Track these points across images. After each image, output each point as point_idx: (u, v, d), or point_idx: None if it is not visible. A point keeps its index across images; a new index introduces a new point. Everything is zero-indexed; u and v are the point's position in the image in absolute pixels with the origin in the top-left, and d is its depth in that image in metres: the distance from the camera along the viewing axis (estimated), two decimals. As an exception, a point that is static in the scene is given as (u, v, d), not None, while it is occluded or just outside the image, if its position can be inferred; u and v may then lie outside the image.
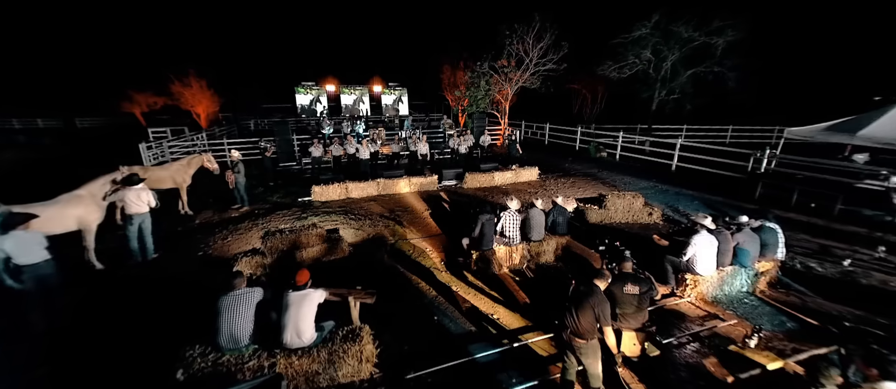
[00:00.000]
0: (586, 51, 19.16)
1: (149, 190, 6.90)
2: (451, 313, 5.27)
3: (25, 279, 4.94)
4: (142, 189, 6.80)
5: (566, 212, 6.85)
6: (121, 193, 6.71)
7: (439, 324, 5.03)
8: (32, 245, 4.96)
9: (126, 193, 6.70)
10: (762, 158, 10.90)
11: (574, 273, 4.62)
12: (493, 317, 5.12)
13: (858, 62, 22.95)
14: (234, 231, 8.55)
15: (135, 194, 6.73)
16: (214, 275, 6.36)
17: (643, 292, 4.08)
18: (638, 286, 4.10)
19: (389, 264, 6.85)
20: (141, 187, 6.80)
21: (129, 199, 6.70)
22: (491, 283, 6.01)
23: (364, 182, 11.24)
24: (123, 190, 6.72)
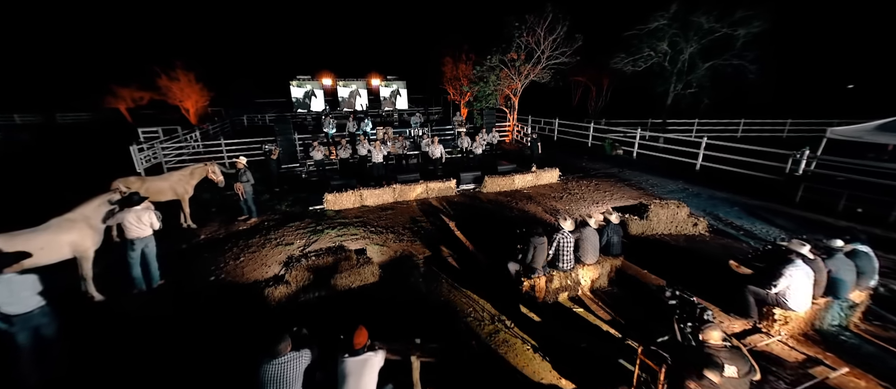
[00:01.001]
0: (594, 42, 18.46)
1: (151, 210, 6.09)
2: (513, 357, 4.63)
3: (15, 331, 4.17)
4: (143, 210, 5.99)
5: (620, 230, 6.23)
6: (119, 215, 5.90)
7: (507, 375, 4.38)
8: (24, 291, 4.18)
9: (125, 215, 5.89)
10: (801, 158, 10.37)
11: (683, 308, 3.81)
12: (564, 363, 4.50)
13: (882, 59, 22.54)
14: (245, 249, 7.79)
15: (135, 216, 5.92)
16: (232, 309, 5.65)
17: (745, 374, 3.07)
18: (736, 366, 3.04)
19: (425, 291, 6.16)
20: (142, 208, 5.99)
21: (129, 222, 5.90)
22: (545, 313, 5.37)
23: (379, 189, 10.50)
24: (122, 212, 5.91)
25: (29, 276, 4.24)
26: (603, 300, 5.63)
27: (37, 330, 4.30)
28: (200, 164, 9.17)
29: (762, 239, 7.69)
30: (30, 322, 4.22)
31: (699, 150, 13.26)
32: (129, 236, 5.97)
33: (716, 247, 7.43)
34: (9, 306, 4.09)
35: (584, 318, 5.27)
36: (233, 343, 4.92)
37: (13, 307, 4.11)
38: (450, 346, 4.70)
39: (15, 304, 4.11)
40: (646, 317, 5.13)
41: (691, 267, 6.54)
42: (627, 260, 6.60)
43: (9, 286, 4.09)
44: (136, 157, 14.32)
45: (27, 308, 4.19)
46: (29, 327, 4.22)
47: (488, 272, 6.54)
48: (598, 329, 4.99)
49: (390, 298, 5.93)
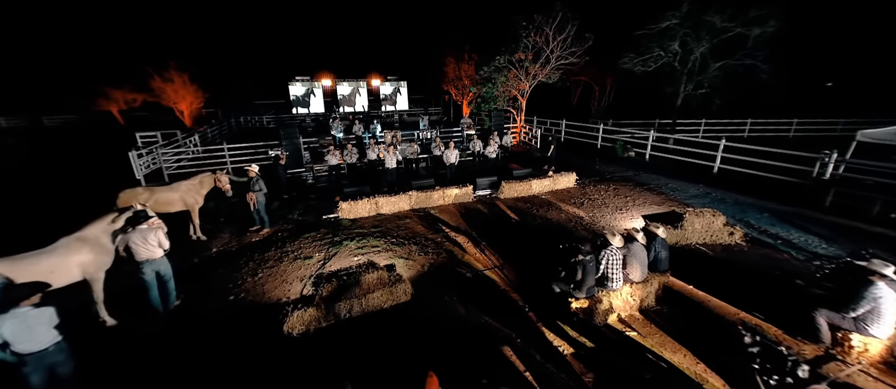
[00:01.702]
0: (598, 41, 18.14)
1: (159, 229, 5.60)
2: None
3: (29, 371, 3.74)
4: (148, 230, 5.46)
5: (667, 244, 5.89)
6: (125, 236, 5.42)
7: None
8: (40, 326, 3.75)
9: (131, 236, 5.40)
10: (829, 162, 10.14)
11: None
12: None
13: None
14: (262, 264, 7.37)
15: (140, 237, 5.40)
16: (257, 334, 5.23)
17: None
18: None
19: (463, 311, 5.78)
20: (146, 228, 5.47)
21: (135, 243, 5.38)
22: (596, 337, 5.01)
23: (395, 196, 10.10)
24: (128, 233, 5.43)
25: (46, 309, 3.80)
26: (655, 322, 5.28)
27: (52, 369, 3.87)
28: (208, 172, 8.71)
29: (801, 249, 7.42)
30: (44, 361, 3.79)
31: (716, 152, 13.01)
32: (137, 259, 5.49)
33: (756, 258, 7.14)
34: (23, 343, 3.65)
35: (638, 343, 4.92)
36: (265, 380, 4.53)
37: (27, 344, 3.67)
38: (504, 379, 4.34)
39: (29, 341, 3.68)
40: (710, 345, 4.75)
41: (736, 281, 6.23)
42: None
43: (24, 321, 3.65)
44: (135, 163, 13.77)
45: (42, 345, 3.76)
46: (43, 366, 3.80)
47: (529, 291, 6.17)
48: (659, 358, 4.64)
49: (426, 318, 5.55)
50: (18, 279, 4.59)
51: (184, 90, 29.97)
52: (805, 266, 6.73)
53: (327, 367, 4.67)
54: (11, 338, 3.59)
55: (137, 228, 5.38)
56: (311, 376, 4.55)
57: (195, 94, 30.39)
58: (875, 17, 21.20)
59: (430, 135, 15.63)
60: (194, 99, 30.62)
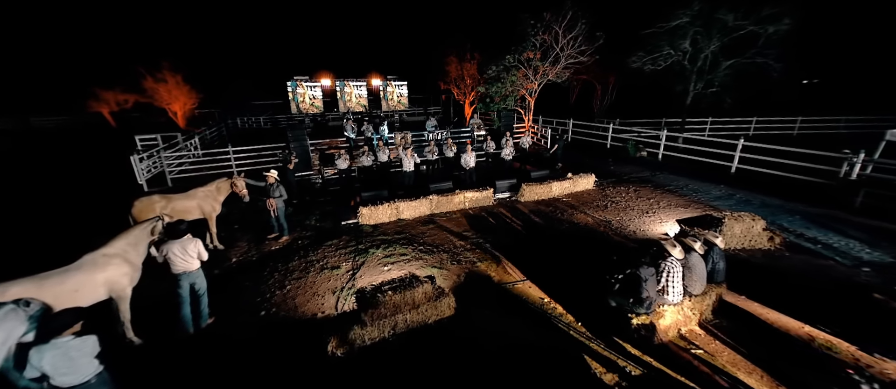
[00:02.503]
0: (604, 40, 17.93)
1: (197, 240, 5.28)
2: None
3: None
4: (187, 240, 5.19)
5: (724, 254, 5.65)
6: (163, 247, 5.09)
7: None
8: (82, 358, 3.38)
9: (170, 247, 5.08)
10: (856, 161, 10.05)
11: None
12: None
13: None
14: (288, 275, 7.02)
15: (180, 248, 5.11)
16: (297, 354, 4.90)
17: None
18: None
19: (511, 327, 5.49)
20: (187, 239, 5.18)
21: (174, 254, 5.09)
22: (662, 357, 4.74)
23: (416, 200, 9.78)
24: (166, 244, 5.10)
25: (89, 338, 3.44)
26: (719, 338, 5.03)
27: None
28: (224, 178, 8.31)
29: (845, 254, 7.26)
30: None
31: (733, 152, 12.89)
32: (174, 271, 5.17)
33: (799, 264, 6.95)
34: (64, 376, 3.29)
35: (708, 361, 4.65)
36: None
37: (69, 377, 3.31)
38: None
39: (71, 374, 3.32)
40: (785, 364, 4.50)
41: (787, 290, 6.00)
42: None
43: (66, 352, 3.29)
44: (137, 167, 13.26)
45: (84, 378, 3.40)
46: None
47: (575, 304, 5.90)
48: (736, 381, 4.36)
49: (471, 335, 5.24)
50: (44, 300, 4.23)
51: (177, 91, 29.29)
52: (853, 273, 6.57)
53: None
54: (52, 371, 3.23)
55: (178, 239, 5.07)
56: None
57: (189, 94, 29.71)
58: (882, 14, 21.33)
59: (440, 136, 15.30)
60: (188, 100, 29.93)
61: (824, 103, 22.08)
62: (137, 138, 17.58)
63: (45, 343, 3.23)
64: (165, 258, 5.11)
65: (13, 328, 3.47)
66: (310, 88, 27.06)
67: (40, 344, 3.23)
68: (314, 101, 27.38)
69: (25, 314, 3.60)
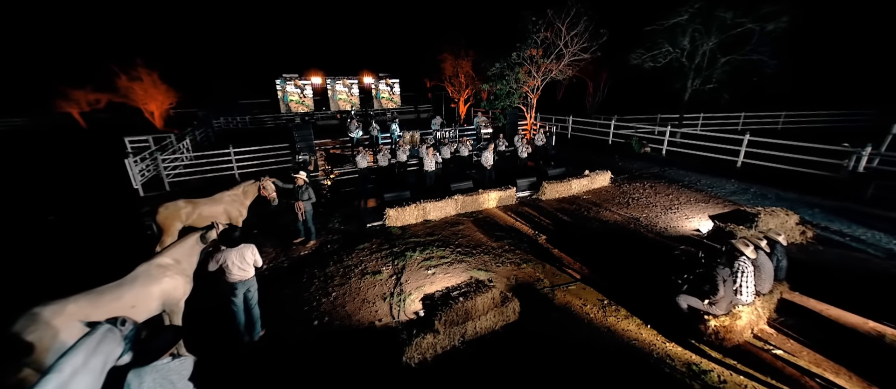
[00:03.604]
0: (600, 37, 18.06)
1: (252, 246, 4.98)
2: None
3: None
4: (245, 247, 4.90)
5: (786, 251, 5.69)
6: (220, 256, 4.76)
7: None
8: (180, 381, 3.08)
9: (228, 255, 4.76)
10: (863, 154, 10.43)
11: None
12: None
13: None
14: (328, 282, 6.73)
15: (238, 256, 4.84)
16: (374, 369, 4.65)
17: None
18: None
19: (575, 332, 5.37)
20: (244, 246, 4.88)
21: (232, 263, 4.78)
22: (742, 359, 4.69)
23: (441, 201, 9.57)
24: (224, 252, 4.77)
25: (186, 359, 3.15)
26: (792, 337, 5.01)
27: None
28: (252, 180, 7.89)
29: (875, 246, 7.49)
30: None
31: (739, 146, 13.21)
32: (230, 280, 4.87)
33: (836, 257, 7.11)
34: None
35: (790, 362, 4.63)
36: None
37: None
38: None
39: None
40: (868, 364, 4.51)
41: (836, 284, 6.08)
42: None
43: (166, 376, 2.98)
44: (131, 171, 12.52)
45: None
46: None
47: (638, 304, 5.83)
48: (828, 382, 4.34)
49: (544, 342, 5.11)
50: (98, 317, 3.88)
51: (154, 90, 27.99)
52: (890, 265, 6.77)
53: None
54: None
55: (236, 247, 4.78)
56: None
57: (167, 94, 28.43)
58: (866, 10, 22.34)
59: (447, 134, 15.09)
60: (165, 99, 28.64)
61: (808, 98, 23.01)
62: (127, 140, 16.64)
63: (143, 366, 2.92)
64: (221, 267, 4.78)
65: (111, 350, 3.14)
66: (299, 87, 26.28)
67: (139, 368, 2.92)
68: (304, 99, 26.61)
69: (121, 334, 3.26)
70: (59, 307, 3.72)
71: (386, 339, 5.19)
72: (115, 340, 3.20)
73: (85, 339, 3.05)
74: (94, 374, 2.95)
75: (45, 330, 3.57)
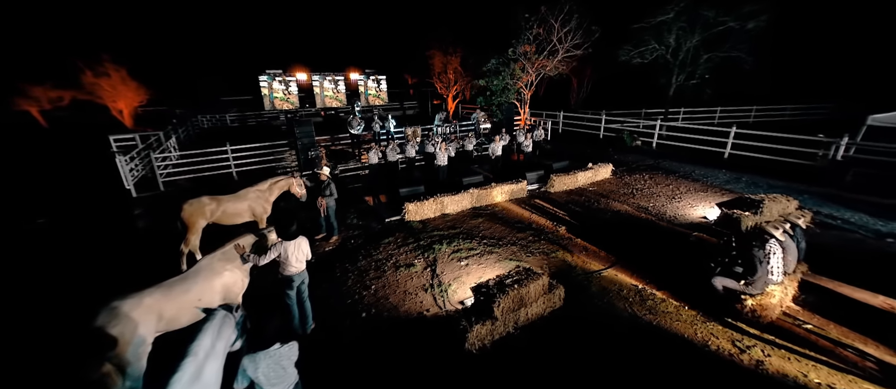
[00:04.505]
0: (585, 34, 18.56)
1: (305, 238, 5.01)
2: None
3: None
4: (302, 240, 4.99)
5: (804, 233, 6.13)
6: (278, 248, 4.77)
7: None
8: (290, 366, 3.15)
9: (286, 247, 4.78)
10: (841, 144, 11.24)
11: None
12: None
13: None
14: (363, 276, 6.79)
15: (295, 248, 4.90)
16: (437, 356, 4.75)
17: None
18: None
19: (618, 315, 5.63)
20: (301, 238, 4.94)
21: (290, 255, 4.82)
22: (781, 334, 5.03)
23: (457, 194, 9.70)
24: (281, 244, 4.78)
25: (293, 345, 3.21)
26: (817, 312, 5.42)
27: None
28: (282, 177, 7.74)
29: (864, 227, 8.13)
30: None
31: (726, 138, 13.95)
32: (287, 274, 4.92)
33: (834, 239, 7.68)
34: (275, 385, 3.03)
35: (823, 335, 5.01)
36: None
37: (280, 386, 3.05)
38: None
39: (280, 383, 3.09)
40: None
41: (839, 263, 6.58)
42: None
43: (278, 361, 3.05)
44: (123, 170, 12.00)
45: (289, 386, 3.15)
46: None
47: (672, 287, 6.14)
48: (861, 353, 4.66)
49: (591, 325, 5.34)
50: (170, 311, 3.88)
51: (123, 87, 26.68)
52: (882, 244, 7.41)
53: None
54: (265, 381, 2.97)
55: (293, 240, 4.83)
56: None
57: (137, 91, 27.15)
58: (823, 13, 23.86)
59: (447, 130, 15.19)
60: (135, 96, 27.34)
61: (775, 94, 24.42)
62: (112, 139, 15.88)
63: (256, 352, 2.97)
64: (277, 260, 4.79)
65: (229, 336, 3.17)
66: (284, 83, 25.63)
67: (253, 354, 2.96)
68: (289, 96, 25.98)
69: (234, 320, 3.27)
70: (136, 301, 3.67)
71: (439, 328, 5.30)
72: (231, 326, 3.22)
73: (207, 324, 3.06)
74: (219, 359, 2.97)
75: (126, 324, 3.52)
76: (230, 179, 13.53)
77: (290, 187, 7.66)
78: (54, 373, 4.51)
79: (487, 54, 18.54)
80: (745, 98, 22.68)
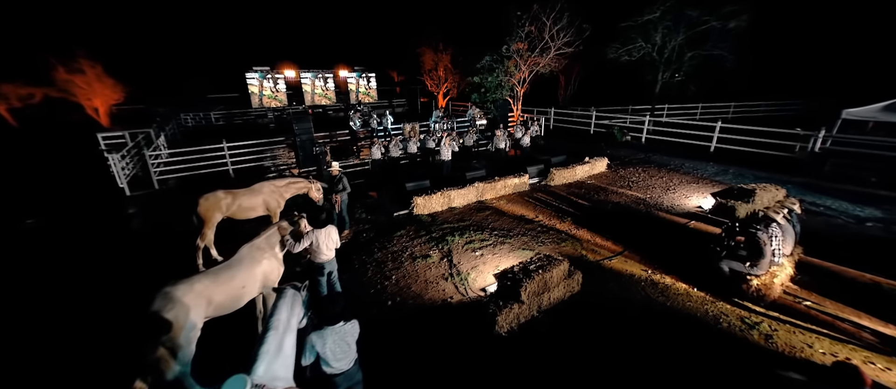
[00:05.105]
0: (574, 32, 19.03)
1: (335, 228, 5.16)
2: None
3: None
4: (331, 228, 5.18)
5: (799, 218, 6.57)
6: (311, 236, 4.91)
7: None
8: (352, 341, 3.31)
9: (316, 236, 4.93)
10: (818, 137, 11.93)
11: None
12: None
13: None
14: (381, 267, 6.97)
15: (325, 235, 5.10)
16: (468, 339, 4.95)
17: None
18: None
19: (631, 299, 5.94)
20: (331, 227, 5.15)
21: (321, 243, 4.99)
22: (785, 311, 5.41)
23: (463, 188, 9.91)
24: (313, 232, 4.92)
25: (355, 322, 3.37)
26: (814, 290, 5.82)
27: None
28: (300, 179, 7.81)
29: (845, 213, 8.71)
30: (353, 378, 3.35)
31: (711, 133, 14.57)
32: (318, 261, 5.09)
33: (820, 224, 8.21)
34: (339, 361, 3.24)
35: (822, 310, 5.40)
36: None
37: (342, 362, 3.26)
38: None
39: (344, 359, 3.28)
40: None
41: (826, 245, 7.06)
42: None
43: (343, 338, 3.22)
44: (116, 167, 11.78)
45: (350, 362, 3.32)
46: (352, 383, 3.35)
47: (679, 271, 6.49)
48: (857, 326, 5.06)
49: (609, 308, 5.63)
50: (219, 297, 4.01)
51: (99, 84, 25.85)
52: (863, 228, 7.97)
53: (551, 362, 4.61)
54: (331, 356, 3.13)
55: (324, 228, 5.00)
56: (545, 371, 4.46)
57: (113, 88, 26.34)
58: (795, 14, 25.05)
59: (446, 126, 15.38)
60: (112, 94, 26.52)
61: (751, 91, 25.56)
62: (100, 137, 15.45)
63: (322, 329, 3.13)
64: (308, 248, 4.93)
65: (298, 312, 3.29)
66: (272, 80, 25.30)
67: (320, 330, 3.13)
68: (277, 94, 25.67)
69: (302, 298, 3.40)
70: (188, 287, 3.77)
71: (466, 313, 5.51)
72: (299, 302, 3.34)
73: (281, 300, 3.18)
74: (294, 333, 3.10)
75: (180, 309, 3.61)
76: (226, 176, 13.39)
77: (309, 191, 7.71)
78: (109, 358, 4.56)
79: (479, 52, 18.81)
80: (725, 94, 23.62)
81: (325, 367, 3.16)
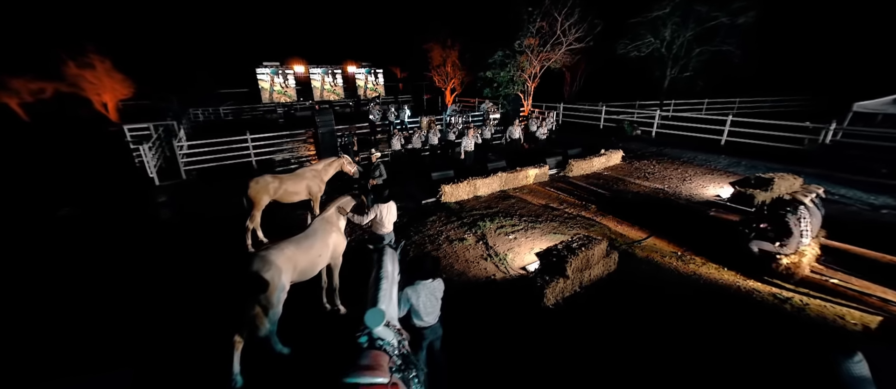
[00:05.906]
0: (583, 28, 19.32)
1: (395, 204, 5.56)
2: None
3: (425, 345, 3.62)
4: (393, 205, 5.56)
5: (822, 202, 6.89)
6: (375, 210, 5.26)
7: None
8: (440, 297, 3.64)
9: (380, 211, 5.30)
10: (829, 130, 12.29)
11: None
12: None
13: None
14: (421, 248, 7.32)
15: (387, 210, 5.46)
16: (520, 311, 5.26)
17: None
18: None
19: (666, 276, 6.26)
20: (392, 202, 5.54)
21: (384, 216, 5.39)
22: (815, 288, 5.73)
23: (488, 178, 10.23)
24: (377, 206, 5.25)
25: (441, 281, 3.64)
26: (839, 269, 6.12)
27: (432, 345, 3.73)
28: (335, 158, 8.12)
29: (860, 201, 9.07)
30: (436, 333, 3.69)
31: (722, 127, 14.91)
32: (380, 233, 5.53)
33: (836, 211, 8.46)
34: (428, 316, 3.56)
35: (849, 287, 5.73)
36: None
37: (431, 317, 3.59)
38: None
39: (433, 314, 3.60)
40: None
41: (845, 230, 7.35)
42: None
43: (433, 293, 3.53)
44: (146, 156, 12.04)
45: (437, 317, 3.63)
46: (435, 338, 3.70)
47: (708, 252, 6.81)
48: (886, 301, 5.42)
49: (646, 284, 5.95)
50: (302, 263, 4.41)
51: (108, 79, 26.01)
52: (877, 215, 8.32)
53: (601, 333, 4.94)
54: (423, 310, 3.44)
55: (386, 203, 5.36)
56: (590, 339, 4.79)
57: (123, 83, 26.49)
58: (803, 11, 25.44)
59: (459, 120, 15.67)
60: (121, 89, 26.69)
61: (757, 86, 25.97)
62: (126, 128, 15.68)
63: (415, 284, 3.43)
64: (376, 222, 5.34)
65: (396, 267, 3.58)
66: (282, 76, 25.52)
67: (414, 284, 3.45)
68: (286, 89, 25.89)
69: (396, 255, 3.71)
70: (279, 251, 4.09)
71: (511, 289, 5.83)
72: (396, 258, 3.64)
73: (384, 257, 3.48)
74: (396, 284, 3.40)
75: (275, 270, 3.91)
76: (249, 167, 13.66)
77: (343, 166, 8.03)
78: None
79: (487, 48, 19.10)
80: (731, 90, 23.98)
81: (416, 320, 3.47)
